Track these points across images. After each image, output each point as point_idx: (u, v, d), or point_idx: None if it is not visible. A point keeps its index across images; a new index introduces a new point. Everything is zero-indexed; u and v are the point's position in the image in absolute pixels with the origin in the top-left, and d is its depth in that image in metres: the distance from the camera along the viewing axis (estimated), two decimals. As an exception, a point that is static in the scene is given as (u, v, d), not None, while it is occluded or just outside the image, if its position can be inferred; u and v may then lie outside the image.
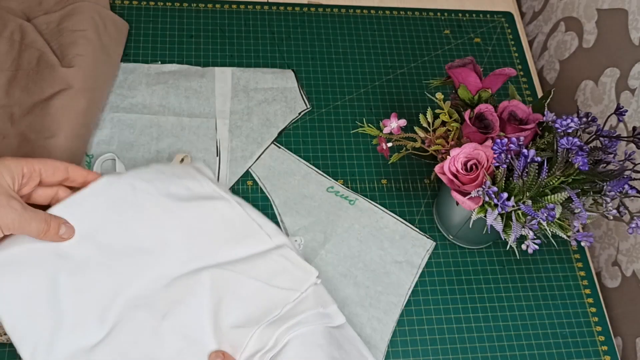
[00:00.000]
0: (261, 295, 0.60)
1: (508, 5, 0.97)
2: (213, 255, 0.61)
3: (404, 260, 0.71)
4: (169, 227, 0.61)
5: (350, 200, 0.74)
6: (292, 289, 0.60)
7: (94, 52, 0.72)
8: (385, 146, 0.66)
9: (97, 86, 0.71)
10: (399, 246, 0.72)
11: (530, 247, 0.57)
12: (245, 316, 0.58)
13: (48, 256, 0.54)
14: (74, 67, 0.69)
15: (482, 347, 0.68)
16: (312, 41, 0.87)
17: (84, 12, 0.74)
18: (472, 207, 0.59)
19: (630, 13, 0.77)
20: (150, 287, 0.58)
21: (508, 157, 0.56)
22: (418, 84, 0.85)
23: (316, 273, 0.62)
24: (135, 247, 0.59)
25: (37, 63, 0.69)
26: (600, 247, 0.80)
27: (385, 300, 0.68)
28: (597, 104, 0.83)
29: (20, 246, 0.53)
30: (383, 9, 0.92)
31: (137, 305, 0.56)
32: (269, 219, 0.66)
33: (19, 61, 0.70)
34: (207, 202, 0.64)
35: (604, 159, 0.61)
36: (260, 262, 0.62)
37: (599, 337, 0.70)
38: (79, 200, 0.57)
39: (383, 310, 0.67)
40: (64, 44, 0.71)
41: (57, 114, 0.66)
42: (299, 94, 0.82)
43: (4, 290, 0.52)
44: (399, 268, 0.70)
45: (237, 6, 0.88)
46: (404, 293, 0.69)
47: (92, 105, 0.70)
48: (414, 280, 0.70)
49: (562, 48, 0.92)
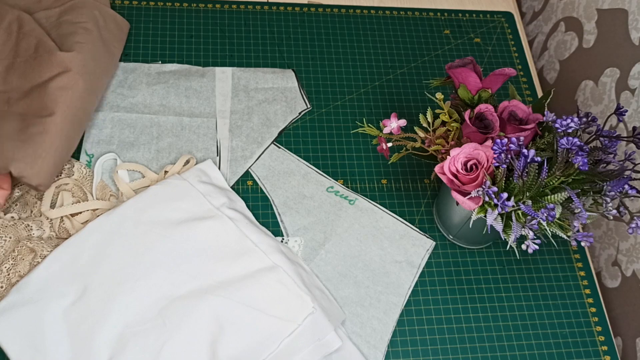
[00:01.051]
0: (259, 325, 0.61)
1: (508, 5, 0.97)
2: (209, 274, 0.63)
3: (403, 260, 0.71)
4: (162, 251, 0.63)
5: (350, 200, 0.74)
6: (289, 320, 0.61)
7: (94, 41, 0.72)
8: (385, 146, 0.66)
9: (96, 73, 0.71)
10: (399, 246, 0.72)
11: (530, 247, 0.57)
12: (242, 347, 0.59)
13: (45, 296, 0.59)
14: (74, 51, 0.69)
15: (482, 347, 0.68)
16: (312, 41, 0.87)
17: (84, 7, 0.74)
18: (472, 207, 0.59)
19: (630, 13, 0.77)
20: (149, 312, 0.60)
21: (508, 157, 0.56)
22: (418, 84, 0.85)
23: (312, 303, 0.62)
24: (129, 274, 0.61)
25: (35, 49, 0.69)
26: (600, 247, 0.80)
27: (385, 300, 0.68)
28: (597, 104, 0.83)
29: (21, 294, 0.59)
30: (383, 9, 0.92)
31: (136, 333, 0.58)
32: (267, 235, 0.68)
33: (17, 49, 0.70)
34: (202, 223, 0.66)
35: (604, 159, 0.61)
36: (257, 288, 0.63)
37: (599, 337, 0.70)
38: (74, 241, 0.62)
39: (383, 310, 0.68)
40: (64, 34, 0.71)
41: (55, 94, 0.66)
42: (299, 94, 0.82)
43: (7, 328, 0.57)
44: (399, 268, 0.70)
45: (237, 6, 0.88)
46: (404, 293, 0.69)
47: (91, 90, 0.70)
48: (414, 280, 0.70)
49: (562, 48, 0.92)
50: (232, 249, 0.65)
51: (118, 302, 0.59)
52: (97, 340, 0.57)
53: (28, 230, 0.64)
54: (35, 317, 0.58)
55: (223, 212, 0.67)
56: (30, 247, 0.62)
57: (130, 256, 0.62)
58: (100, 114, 0.75)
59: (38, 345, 0.56)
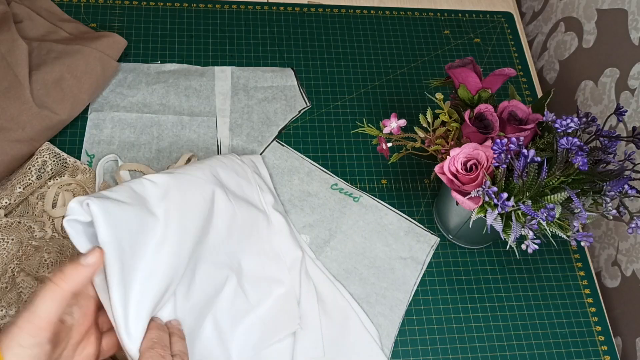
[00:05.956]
0: (264, 326, 0.62)
1: (508, 6, 0.97)
2: (240, 259, 0.63)
3: (408, 256, 0.71)
4: (220, 214, 0.60)
5: (354, 198, 0.74)
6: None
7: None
8: (385, 146, 0.66)
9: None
10: (404, 242, 0.72)
11: (530, 247, 0.57)
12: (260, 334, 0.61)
13: (144, 204, 0.52)
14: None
15: (482, 347, 0.68)
16: (312, 41, 0.87)
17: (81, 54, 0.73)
18: (472, 207, 0.59)
19: (630, 13, 0.77)
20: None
21: (508, 157, 0.56)
22: (418, 84, 0.85)
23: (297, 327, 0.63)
24: (198, 223, 0.57)
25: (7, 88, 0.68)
26: (600, 247, 0.80)
27: (391, 296, 0.68)
28: (597, 104, 0.83)
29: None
30: (383, 9, 0.92)
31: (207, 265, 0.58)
32: (296, 246, 0.68)
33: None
34: (253, 209, 0.65)
35: (603, 159, 0.61)
36: (265, 293, 0.64)
37: (598, 337, 0.70)
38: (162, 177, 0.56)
39: (389, 306, 0.68)
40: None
41: None
42: (299, 92, 0.82)
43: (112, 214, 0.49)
44: (404, 264, 0.71)
45: (237, 6, 0.88)
46: (409, 289, 0.69)
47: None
48: (419, 276, 0.70)
49: (562, 48, 0.92)
50: (266, 250, 0.65)
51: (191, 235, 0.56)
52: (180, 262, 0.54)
53: (30, 232, 0.64)
54: (138, 218, 0.51)
55: (270, 211, 0.67)
56: (35, 245, 0.62)
57: (202, 205, 0.58)
58: (100, 114, 0.75)
59: (134, 245, 0.50)
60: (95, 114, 0.75)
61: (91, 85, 0.73)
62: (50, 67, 0.70)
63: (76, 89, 0.71)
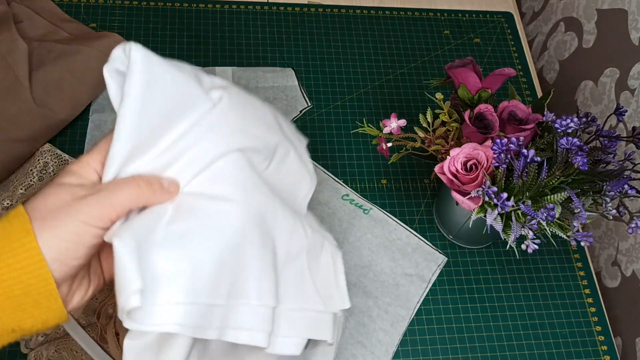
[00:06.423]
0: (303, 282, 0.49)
1: (508, 6, 0.97)
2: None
3: (414, 273, 0.71)
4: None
5: (364, 210, 0.74)
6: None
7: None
8: (385, 146, 0.66)
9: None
10: (411, 259, 0.71)
11: (530, 247, 0.57)
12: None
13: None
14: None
15: (481, 347, 0.68)
16: (312, 41, 0.87)
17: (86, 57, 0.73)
18: (472, 207, 0.59)
19: (630, 13, 0.77)
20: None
21: (508, 157, 0.56)
22: (418, 84, 0.86)
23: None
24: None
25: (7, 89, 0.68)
26: (600, 247, 0.80)
27: (394, 312, 0.68)
28: (596, 104, 0.83)
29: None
30: (383, 9, 0.92)
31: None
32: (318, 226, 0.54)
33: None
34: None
35: (603, 159, 0.61)
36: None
37: (598, 337, 0.70)
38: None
39: (390, 322, 0.67)
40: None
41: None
42: (300, 92, 0.82)
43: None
44: (409, 281, 0.70)
45: (237, 6, 0.88)
46: (412, 306, 0.69)
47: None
48: (424, 294, 0.70)
49: (562, 48, 0.92)
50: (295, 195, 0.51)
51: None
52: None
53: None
54: (184, 87, 0.44)
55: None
56: None
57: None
58: (102, 116, 0.75)
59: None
60: (97, 115, 0.75)
61: (91, 86, 0.73)
62: (51, 67, 0.70)
63: (76, 89, 0.71)
